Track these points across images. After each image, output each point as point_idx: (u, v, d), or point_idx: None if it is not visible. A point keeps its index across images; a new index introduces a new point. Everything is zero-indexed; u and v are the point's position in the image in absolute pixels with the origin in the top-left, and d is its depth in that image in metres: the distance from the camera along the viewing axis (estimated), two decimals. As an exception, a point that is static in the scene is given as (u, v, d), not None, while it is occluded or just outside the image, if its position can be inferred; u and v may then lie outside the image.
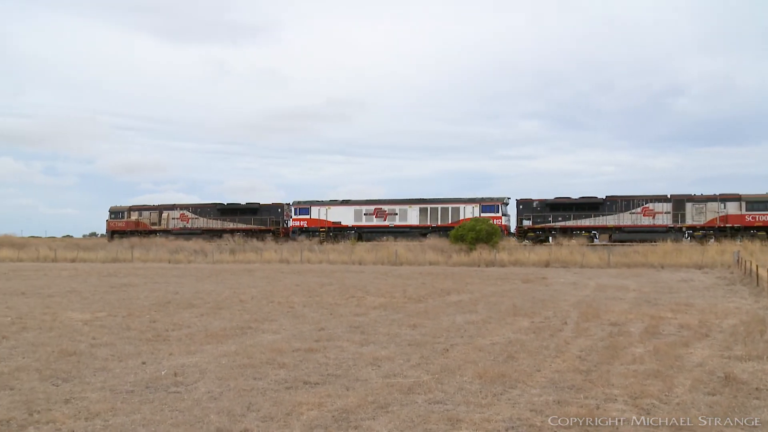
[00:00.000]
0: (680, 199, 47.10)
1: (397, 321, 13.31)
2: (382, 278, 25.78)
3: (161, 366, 8.73)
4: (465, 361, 9.06)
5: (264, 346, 10.17)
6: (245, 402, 6.89)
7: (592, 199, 49.55)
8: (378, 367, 8.75)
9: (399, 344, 10.53)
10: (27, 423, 6.16)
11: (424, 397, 7.15)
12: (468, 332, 11.83)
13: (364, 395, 7.15)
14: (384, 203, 54.65)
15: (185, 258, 42.30)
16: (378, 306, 15.99)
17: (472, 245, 40.77)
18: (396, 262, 37.73)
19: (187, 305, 16.01)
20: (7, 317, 13.57)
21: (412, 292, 19.69)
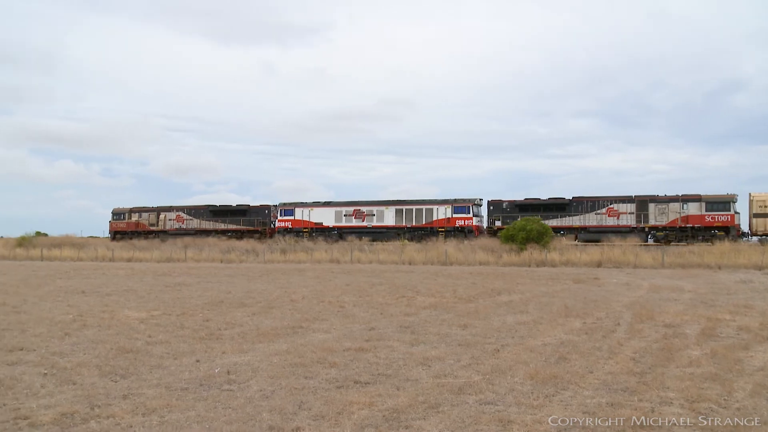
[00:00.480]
0: (643, 200, 48.35)
1: (448, 321, 13.28)
2: (432, 278, 25.74)
3: (215, 364, 8.88)
4: (516, 362, 8.99)
5: (315, 346, 10.26)
6: (297, 400, 6.97)
7: (560, 200, 51.17)
8: (428, 367, 8.75)
9: (449, 344, 10.51)
10: (89, 417, 6.35)
11: (474, 397, 7.13)
12: (519, 333, 11.74)
13: (414, 395, 7.16)
14: (362, 204, 56.60)
15: (237, 258, 42.89)
16: (428, 306, 15.98)
17: (522, 245, 40.40)
18: (446, 262, 37.62)
19: (239, 304, 16.24)
20: (69, 315, 13.98)
21: (462, 292, 19.61)
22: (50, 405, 6.73)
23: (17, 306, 15.73)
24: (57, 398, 7.02)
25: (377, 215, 55.50)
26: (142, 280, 24.81)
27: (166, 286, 21.82)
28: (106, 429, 6.01)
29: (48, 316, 13.73)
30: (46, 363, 8.89)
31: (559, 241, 43.62)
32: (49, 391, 7.34)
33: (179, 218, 64.23)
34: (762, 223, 44.64)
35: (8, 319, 13.25)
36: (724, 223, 45.51)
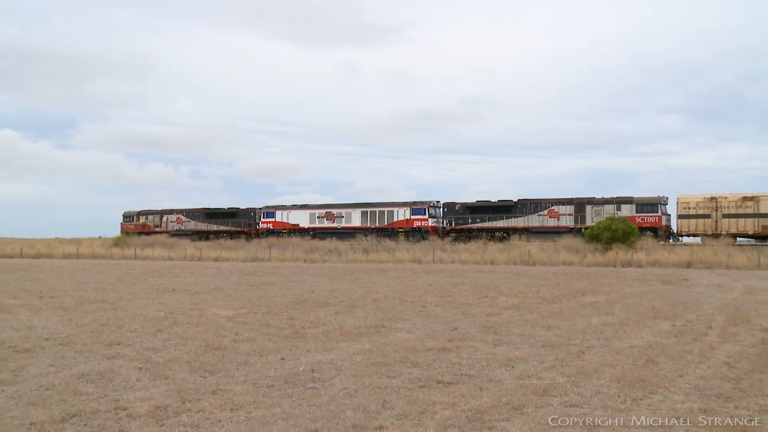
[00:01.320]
0: (581, 202, 51.33)
1: (531, 322, 13.12)
2: (514, 278, 25.46)
3: (299, 362, 9.05)
4: (602, 364, 8.80)
5: (397, 345, 10.32)
6: (380, 399, 7.03)
7: (507, 202, 54.40)
8: (512, 367, 8.67)
9: (533, 345, 10.38)
10: (180, 410, 6.59)
11: (559, 399, 7.02)
12: (604, 334, 11.48)
13: (497, 396, 7.11)
14: (333, 207, 61.54)
15: (320, 257, 43.52)
16: (511, 306, 15.82)
17: (607, 245, 39.45)
18: (529, 262, 37.13)
19: (323, 303, 16.48)
20: (161, 312, 14.53)
21: (545, 292, 19.32)
22: (145, 398, 7.02)
23: (114, 303, 16.45)
24: (151, 391, 7.31)
25: (345, 217, 60.12)
26: (229, 279, 25.50)
27: (252, 285, 22.36)
28: (196, 423, 6.22)
29: (142, 313, 14.30)
30: (141, 358, 9.27)
31: (645, 241, 42.43)
32: (144, 385, 7.66)
33: (179, 220, 70.24)
34: (686, 223, 47.66)
35: (106, 315, 13.88)
36: (652, 223, 48.38)
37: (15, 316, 13.95)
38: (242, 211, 66.65)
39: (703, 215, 47.17)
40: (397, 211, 57.36)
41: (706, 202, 47.16)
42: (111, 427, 6.07)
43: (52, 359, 9.18)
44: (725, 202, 46.57)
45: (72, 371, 8.36)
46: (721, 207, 46.72)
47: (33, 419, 6.25)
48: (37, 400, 6.94)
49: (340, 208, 60.91)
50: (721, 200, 46.61)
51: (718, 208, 46.83)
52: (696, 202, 47.44)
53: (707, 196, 47.20)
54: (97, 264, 40.13)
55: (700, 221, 47.15)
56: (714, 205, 46.96)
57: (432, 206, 56.49)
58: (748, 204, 45.73)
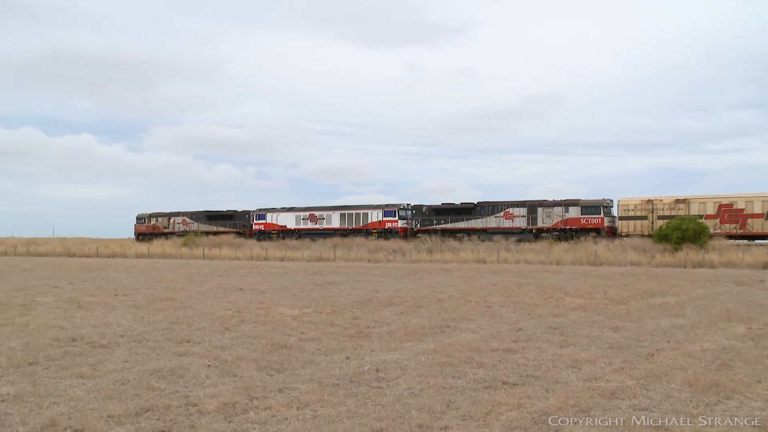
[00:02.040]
0: (533, 205, 54.14)
1: (598, 323, 12.88)
2: (581, 278, 25.04)
3: (364, 361, 9.11)
4: (672, 367, 8.57)
5: (462, 345, 10.28)
6: (445, 400, 7.02)
7: (468, 205, 57.67)
8: (578, 369, 8.54)
9: (600, 347, 10.20)
10: (248, 408, 6.72)
11: (628, 402, 6.88)
12: (675, 337, 11.18)
13: (564, 398, 7.01)
14: (316, 210, 65.93)
15: (384, 257, 43.68)
16: (577, 307, 15.57)
17: (677, 245, 38.37)
18: (595, 262, 36.45)
19: (387, 303, 16.54)
20: (229, 311, 14.83)
21: (612, 293, 18.94)
22: (214, 394, 7.19)
23: (184, 301, 16.88)
24: (220, 388, 7.48)
25: (326, 219, 64.69)
26: (294, 279, 25.84)
27: (317, 285, 22.60)
28: (263, 420, 6.33)
29: (210, 312, 14.63)
30: (209, 355, 9.48)
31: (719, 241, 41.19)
32: (213, 382, 7.84)
33: (184, 222, 74.66)
34: (626, 224, 50.49)
35: (177, 314, 14.25)
36: (595, 225, 51.17)
37: (92, 313, 14.47)
38: (239, 214, 71.53)
39: (641, 217, 50.17)
40: (371, 213, 61.83)
41: (643, 204, 50.25)
42: (182, 422, 6.24)
43: (126, 355, 9.49)
44: (660, 204, 49.60)
45: (145, 367, 8.62)
46: (657, 209, 49.67)
47: (110, 412, 6.48)
48: (114, 394, 7.19)
49: (321, 210, 65.54)
50: (657, 202, 49.73)
51: (654, 210, 49.77)
52: (635, 204, 50.57)
53: (644, 199, 50.36)
54: (167, 263, 41.23)
55: (638, 222, 50.04)
56: (650, 207, 49.90)
57: (402, 209, 60.81)
58: (680, 206, 48.61)
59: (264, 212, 68.74)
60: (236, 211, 72.19)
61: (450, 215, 58.16)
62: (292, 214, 66.86)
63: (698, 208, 47.93)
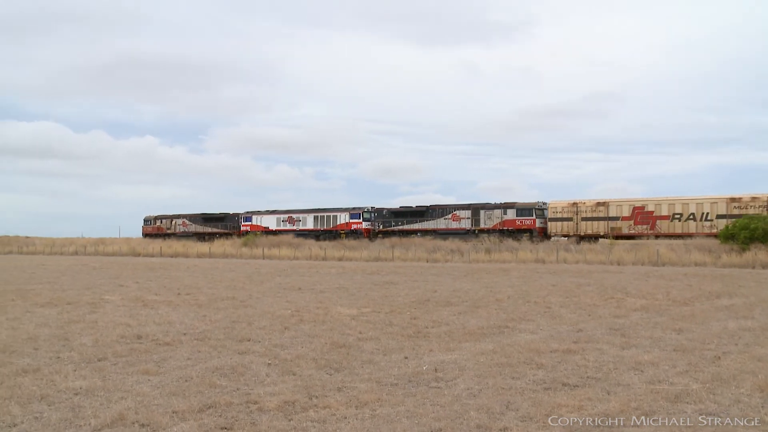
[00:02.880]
0: (477, 208, 58.24)
1: (661, 324, 12.59)
2: (642, 279, 24.50)
3: (422, 361, 9.11)
4: (741, 371, 8.31)
5: (521, 346, 10.19)
6: (504, 400, 6.97)
7: (421, 208, 61.95)
8: (641, 372, 8.36)
9: (663, 349, 9.96)
10: (308, 406, 6.80)
11: (693, 407, 6.70)
12: (743, 339, 10.84)
13: (626, 401, 6.88)
14: (293, 212, 71.41)
15: (442, 257, 43.54)
16: (639, 308, 15.24)
17: (744, 245, 37.12)
18: (657, 263, 35.61)
19: (445, 303, 16.50)
20: (288, 310, 15.02)
21: (676, 294, 18.47)
22: (274, 393, 7.29)
23: (244, 300, 17.17)
24: (280, 387, 7.58)
25: (302, 220, 69.88)
26: (353, 279, 25.99)
27: (375, 285, 22.68)
28: (323, 418, 6.40)
29: (270, 311, 14.84)
30: (269, 354, 9.63)
31: None
32: (273, 380, 7.96)
33: (184, 223, 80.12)
34: (554, 225, 54.02)
35: (237, 313, 14.50)
36: (528, 226, 54.80)
37: (156, 311, 14.85)
38: (229, 216, 76.96)
39: (567, 218, 53.51)
40: (339, 215, 67.03)
41: (569, 206, 53.58)
42: (243, 419, 6.35)
43: (189, 353, 9.71)
44: (583, 207, 52.80)
45: (207, 365, 8.81)
46: (580, 211, 52.96)
47: (175, 408, 6.65)
48: (178, 391, 7.37)
49: (298, 213, 71.13)
50: (581, 205, 52.91)
51: (578, 212, 53.10)
52: (562, 206, 53.92)
53: (570, 202, 53.59)
54: (227, 263, 41.97)
55: (565, 224, 53.55)
56: (575, 209, 53.22)
57: (366, 211, 65.51)
58: (600, 209, 51.93)
59: (250, 215, 74.16)
60: (227, 214, 77.61)
61: (406, 217, 62.86)
62: (273, 217, 72.47)
63: (616, 210, 51.53)
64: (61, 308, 15.40)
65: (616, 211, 51.20)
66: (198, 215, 79.89)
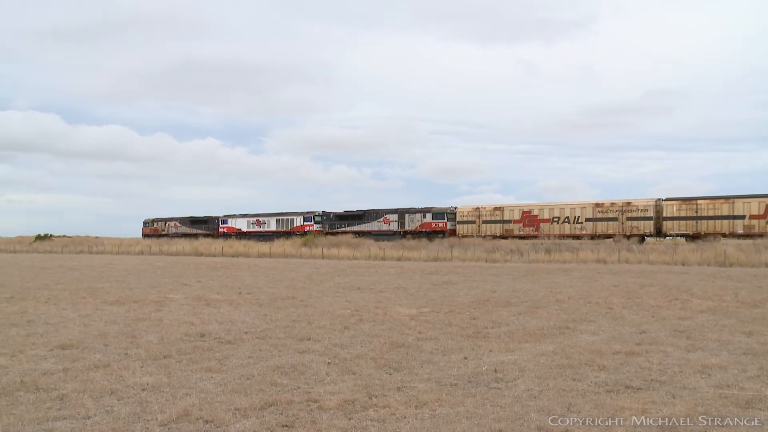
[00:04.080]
0: (402, 212, 66.25)
1: (729, 327, 12.22)
2: (708, 280, 23.82)
3: (482, 362, 9.07)
4: (815, 376, 8.02)
5: (582, 347, 10.04)
6: (565, 402, 6.88)
7: (359, 212, 70.28)
8: (708, 375, 8.14)
9: (732, 352, 9.67)
10: (367, 405, 6.84)
11: (766, 413, 6.49)
12: (817, 343, 10.45)
13: (693, 405, 6.71)
14: (261, 216, 79.33)
15: (501, 257, 43.19)
16: (705, 309, 14.83)
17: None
18: (724, 263, 34.57)
19: (505, 303, 16.37)
20: (347, 309, 15.12)
21: (745, 295, 17.90)
22: (334, 392, 7.36)
23: (304, 300, 17.36)
24: (340, 386, 7.65)
25: (267, 223, 78.21)
26: (411, 279, 26.00)
27: (434, 285, 22.65)
28: (382, 418, 6.43)
29: (329, 310, 14.97)
30: (329, 353, 9.71)
31: None
32: (333, 379, 8.03)
33: (176, 225, 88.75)
34: (461, 227, 61.47)
35: (297, 312, 14.68)
36: (441, 228, 62.70)
37: (218, 310, 15.14)
38: (211, 219, 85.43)
39: (471, 221, 60.72)
40: (295, 219, 75.43)
41: (473, 211, 61.02)
42: (304, 417, 6.43)
43: (250, 351, 9.88)
44: (484, 212, 60.24)
45: (268, 363, 8.94)
46: (482, 215, 60.24)
47: (237, 405, 6.78)
48: (240, 388, 7.51)
49: (264, 216, 79.14)
50: (482, 210, 60.37)
51: (480, 216, 60.31)
52: (467, 211, 61.47)
53: (473, 207, 61.08)
54: (287, 263, 42.49)
55: (469, 226, 60.68)
56: (477, 213, 60.48)
57: (317, 215, 73.89)
58: (497, 213, 59.29)
59: (227, 218, 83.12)
60: (210, 217, 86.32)
61: (348, 220, 71.02)
62: (244, 219, 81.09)
63: (509, 214, 58.86)
64: (129, 306, 15.86)
65: (509, 215, 58.71)
66: (186, 218, 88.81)
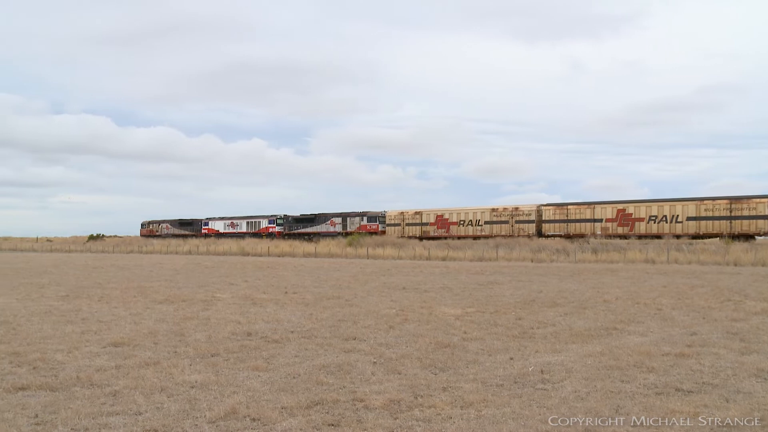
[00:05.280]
0: (345, 216, 74.65)
1: (785, 329, 11.89)
2: (762, 281, 23.22)
3: (528, 362, 8.99)
4: None
5: (631, 349, 9.88)
6: (613, 404, 6.78)
7: (312, 216, 78.81)
8: (764, 380, 7.91)
9: (788, 355, 9.42)
10: (413, 405, 6.84)
11: (822, 417, 6.31)
12: None
13: (748, 409, 6.54)
14: (234, 219, 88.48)
15: (547, 257, 42.77)
16: (760, 311, 14.45)
17: None
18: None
19: (551, 304, 16.21)
20: (392, 309, 15.15)
21: (802, 296, 17.39)
22: (380, 391, 7.38)
23: (349, 299, 17.44)
24: (385, 385, 7.67)
25: (239, 225, 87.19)
26: (457, 278, 25.91)
27: (479, 285, 22.54)
28: (428, 418, 6.42)
29: (374, 310, 15.02)
30: (374, 353, 9.74)
31: None
32: (378, 379, 8.05)
33: (167, 227, 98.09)
34: (390, 230, 69.93)
35: (343, 311, 14.76)
36: (374, 229, 71.04)
37: (265, 309, 15.31)
38: (195, 221, 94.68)
39: (396, 224, 69.57)
40: (261, 221, 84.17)
41: (398, 215, 70.10)
42: (350, 416, 6.46)
43: (296, 350, 9.96)
44: (407, 215, 69.17)
45: (314, 362, 9.01)
46: (406, 218, 69.08)
47: (284, 404, 6.84)
48: (286, 387, 7.58)
49: (237, 219, 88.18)
50: (405, 214, 69.43)
51: (404, 219, 69.11)
52: (394, 215, 70.44)
53: (399, 211, 70.37)
54: (332, 262, 42.73)
55: (395, 228, 69.52)
56: (402, 217, 69.49)
57: (279, 218, 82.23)
58: (417, 216, 68.20)
59: (208, 221, 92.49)
60: (195, 219, 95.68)
61: (303, 223, 79.86)
62: (221, 222, 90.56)
63: (426, 218, 67.55)
64: (177, 305, 16.15)
65: (426, 219, 67.40)
66: (176, 221, 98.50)
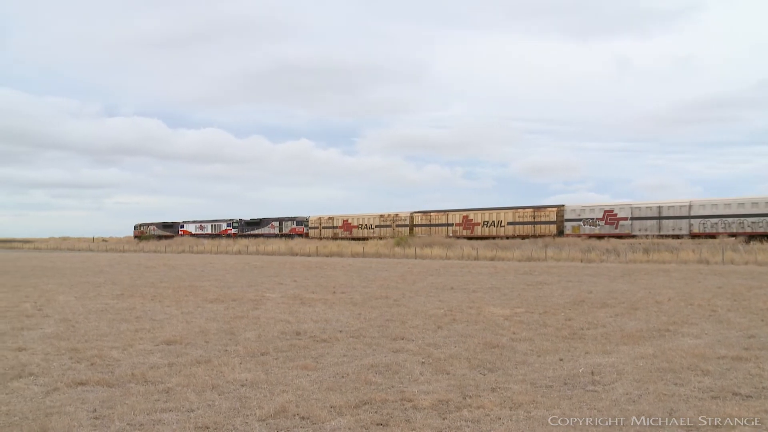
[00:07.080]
0: (281, 220, 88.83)
1: None
2: (824, 282, 22.49)
3: (578, 364, 8.88)
4: None
5: (684, 351, 9.67)
6: (666, 407, 6.65)
7: (258, 220, 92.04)
8: (824, 383, 7.68)
9: None
10: (461, 405, 6.81)
11: None
12: None
13: (807, 414, 6.35)
14: (203, 222, 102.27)
15: (597, 257, 42.16)
16: (820, 313, 14.00)
17: None
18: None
19: (601, 304, 15.98)
20: (440, 309, 15.12)
21: None
22: (428, 391, 7.37)
23: (397, 299, 17.47)
24: (434, 385, 7.66)
25: (206, 228, 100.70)
26: (505, 279, 25.73)
27: (528, 285, 22.34)
28: (477, 418, 6.39)
29: (422, 310, 15.01)
30: (423, 353, 9.73)
31: None
32: (426, 379, 8.04)
33: (153, 229, 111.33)
34: (312, 232, 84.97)
35: (391, 311, 14.78)
36: (300, 231, 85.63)
37: (313, 309, 15.43)
38: (175, 224, 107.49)
39: (315, 227, 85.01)
40: (222, 224, 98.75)
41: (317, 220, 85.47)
42: (398, 416, 6.47)
43: (345, 350, 10.02)
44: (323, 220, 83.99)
45: (362, 362, 9.05)
46: (322, 223, 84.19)
47: (332, 403, 6.89)
48: (335, 386, 7.63)
49: (205, 222, 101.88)
50: (322, 219, 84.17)
51: (321, 224, 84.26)
52: (314, 220, 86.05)
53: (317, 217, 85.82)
54: (380, 262, 42.83)
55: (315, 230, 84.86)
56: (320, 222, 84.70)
57: (235, 222, 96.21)
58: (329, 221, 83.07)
59: (184, 223, 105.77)
60: (174, 222, 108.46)
61: (252, 226, 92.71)
62: (193, 225, 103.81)
63: (336, 222, 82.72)
64: (227, 304, 16.39)
65: (336, 223, 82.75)
66: (161, 223, 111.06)
